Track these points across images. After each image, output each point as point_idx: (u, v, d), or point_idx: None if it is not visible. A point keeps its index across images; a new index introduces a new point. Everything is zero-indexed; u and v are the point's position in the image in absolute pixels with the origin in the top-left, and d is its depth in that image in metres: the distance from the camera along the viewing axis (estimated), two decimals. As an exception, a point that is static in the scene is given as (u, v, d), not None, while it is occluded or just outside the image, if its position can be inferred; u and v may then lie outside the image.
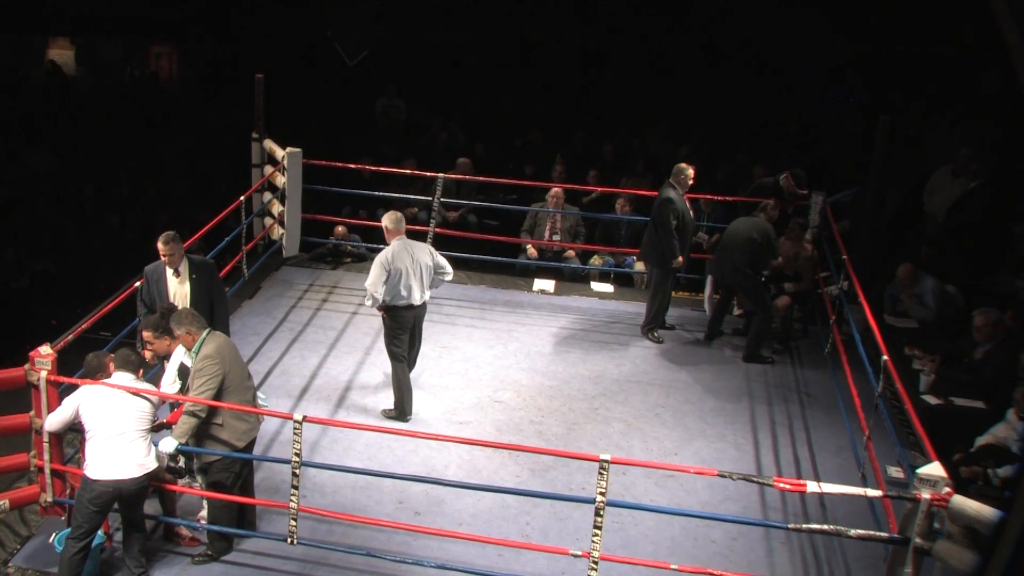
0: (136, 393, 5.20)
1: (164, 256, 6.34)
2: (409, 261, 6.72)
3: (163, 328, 5.60)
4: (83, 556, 5.08)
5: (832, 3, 12.62)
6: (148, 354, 5.72)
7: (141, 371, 5.42)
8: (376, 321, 8.52)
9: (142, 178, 12.08)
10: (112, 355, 5.43)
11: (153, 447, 5.22)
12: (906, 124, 11.17)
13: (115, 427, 5.08)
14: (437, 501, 6.04)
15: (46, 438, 5.40)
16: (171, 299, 6.35)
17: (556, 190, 9.74)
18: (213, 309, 6.45)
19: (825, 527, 5.11)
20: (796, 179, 8.90)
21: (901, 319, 8.25)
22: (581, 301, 9.37)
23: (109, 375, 5.31)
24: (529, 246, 9.98)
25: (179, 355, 5.65)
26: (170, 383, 5.70)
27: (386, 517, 5.77)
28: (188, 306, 6.24)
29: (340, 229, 9.87)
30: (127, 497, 5.13)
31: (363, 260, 10.02)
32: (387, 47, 12.96)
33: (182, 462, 5.33)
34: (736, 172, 10.84)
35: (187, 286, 6.41)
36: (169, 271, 6.40)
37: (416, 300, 6.80)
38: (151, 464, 5.16)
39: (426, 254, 6.84)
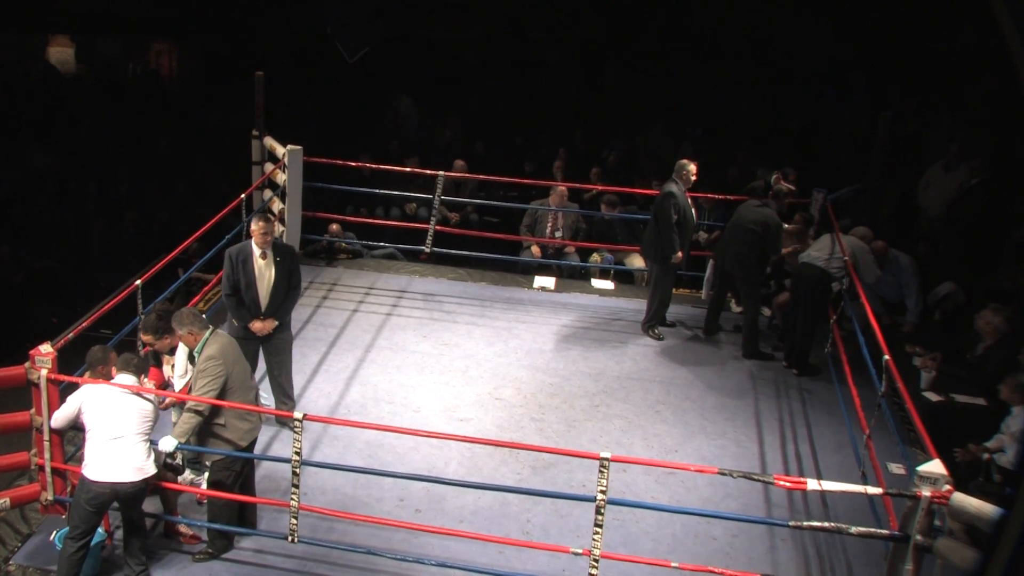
0: (139, 393, 5.19)
1: (261, 235, 6.27)
2: None
3: (162, 329, 5.60)
4: (82, 555, 5.07)
5: (832, 2, 12.60)
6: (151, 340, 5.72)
7: (143, 375, 5.41)
8: (376, 319, 8.54)
9: (142, 176, 12.06)
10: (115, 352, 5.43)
11: (153, 449, 5.21)
12: (905, 122, 11.19)
13: (115, 429, 5.07)
14: (438, 499, 6.04)
15: (47, 436, 5.40)
16: (257, 281, 6.33)
17: (561, 188, 9.72)
18: (288, 294, 6.46)
19: (826, 524, 5.11)
20: (784, 177, 9.33)
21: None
22: (582, 298, 9.37)
23: (111, 373, 5.30)
24: (533, 247, 9.96)
25: (184, 346, 5.66)
26: (180, 375, 5.71)
27: (387, 515, 5.78)
28: (271, 288, 6.32)
29: (334, 227, 9.88)
30: (125, 498, 5.12)
31: (359, 257, 10.02)
32: (388, 45, 12.94)
33: (180, 459, 5.33)
34: (738, 171, 10.82)
35: (273, 269, 6.38)
36: (256, 252, 6.36)
37: None
38: (150, 469, 5.14)
39: None
